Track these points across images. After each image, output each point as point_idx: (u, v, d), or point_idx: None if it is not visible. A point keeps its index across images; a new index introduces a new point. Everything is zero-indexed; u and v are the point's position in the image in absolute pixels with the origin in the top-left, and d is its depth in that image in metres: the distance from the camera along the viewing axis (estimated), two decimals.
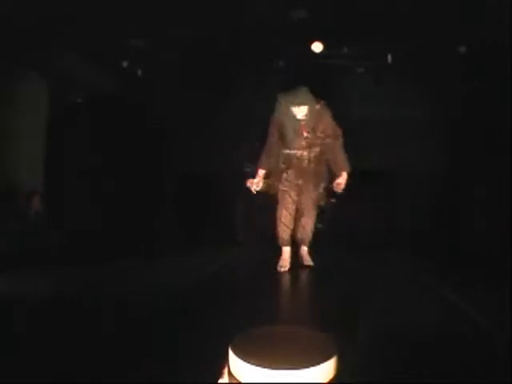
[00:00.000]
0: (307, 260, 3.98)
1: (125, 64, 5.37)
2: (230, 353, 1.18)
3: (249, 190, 3.69)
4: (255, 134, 5.08)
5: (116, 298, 2.81)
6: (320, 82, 4.48)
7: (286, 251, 3.91)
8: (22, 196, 4.43)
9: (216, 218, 5.59)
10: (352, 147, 3.77)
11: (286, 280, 3.59)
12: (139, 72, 5.55)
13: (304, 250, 4.04)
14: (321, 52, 5.13)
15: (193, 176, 5.75)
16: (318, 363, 1.11)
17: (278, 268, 3.78)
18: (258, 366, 1.11)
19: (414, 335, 2.10)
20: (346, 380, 1.23)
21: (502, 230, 4.30)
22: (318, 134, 3.68)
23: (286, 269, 3.79)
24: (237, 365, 1.15)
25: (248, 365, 1.12)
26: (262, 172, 3.73)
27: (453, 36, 4.55)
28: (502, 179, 4.56)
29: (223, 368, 1.24)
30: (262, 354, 1.14)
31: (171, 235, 4.94)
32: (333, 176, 3.75)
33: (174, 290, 3.00)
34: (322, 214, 4.27)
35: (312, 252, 4.03)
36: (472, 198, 5.13)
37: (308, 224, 3.96)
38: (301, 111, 3.59)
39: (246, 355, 1.14)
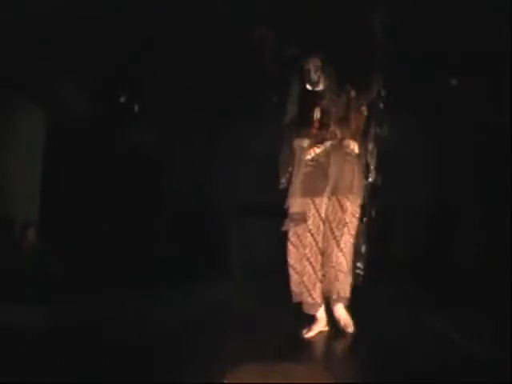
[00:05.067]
0: (346, 323, 2.59)
1: (121, 97, 5.32)
2: None
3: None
4: (251, 169, 5.23)
5: (114, 328, 2.83)
6: None
7: (319, 315, 2.62)
8: (17, 228, 4.35)
9: (212, 251, 5.56)
10: None
11: (282, 315, 3.10)
12: (135, 106, 5.50)
13: (340, 308, 2.63)
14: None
15: (189, 210, 5.77)
16: None
17: (304, 333, 2.55)
18: None
19: (409, 367, 2.04)
20: None
21: (501, 259, 4.26)
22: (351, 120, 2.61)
23: (313, 334, 2.54)
24: None
25: None
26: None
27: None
28: (500, 207, 4.55)
29: None
30: None
31: (167, 269, 4.95)
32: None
33: (172, 322, 3.00)
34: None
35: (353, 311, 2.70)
36: (470, 227, 5.09)
37: (342, 265, 2.56)
38: (314, 75, 2.63)
39: None
